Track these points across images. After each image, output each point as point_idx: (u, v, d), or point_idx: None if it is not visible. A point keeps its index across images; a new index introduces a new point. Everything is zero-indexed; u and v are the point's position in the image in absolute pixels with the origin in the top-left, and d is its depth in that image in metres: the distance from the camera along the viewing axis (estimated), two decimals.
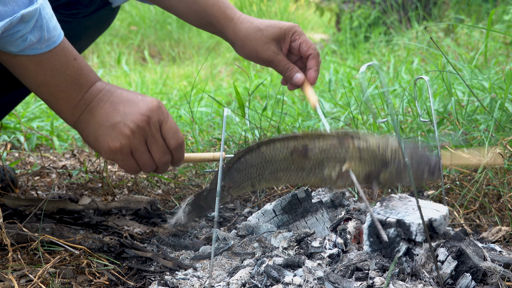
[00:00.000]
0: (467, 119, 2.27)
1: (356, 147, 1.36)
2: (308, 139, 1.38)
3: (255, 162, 1.40)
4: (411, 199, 1.48)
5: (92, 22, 1.82)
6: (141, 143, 1.32)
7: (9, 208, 1.81)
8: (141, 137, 1.32)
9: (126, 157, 1.34)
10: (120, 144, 1.31)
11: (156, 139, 1.34)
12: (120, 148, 1.32)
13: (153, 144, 1.34)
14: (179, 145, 1.36)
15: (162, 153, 1.35)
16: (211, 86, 4.68)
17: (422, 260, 1.34)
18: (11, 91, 1.84)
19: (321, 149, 1.37)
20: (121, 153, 1.33)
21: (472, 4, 6.11)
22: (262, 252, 1.47)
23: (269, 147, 1.38)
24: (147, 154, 1.35)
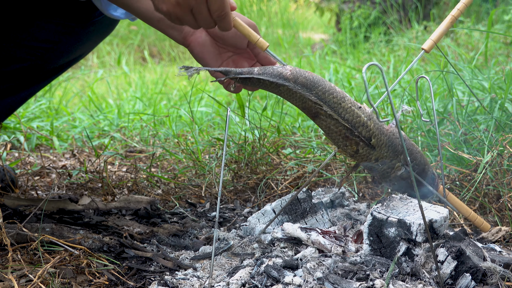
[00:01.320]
0: (467, 119, 2.27)
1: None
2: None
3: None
4: (412, 199, 1.48)
5: (96, 26, 1.82)
6: (186, 13, 1.34)
7: (9, 208, 1.81)
8: (187, 6, 1.33)
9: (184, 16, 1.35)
10: (166, 9, 1.33)
11: (200, 10, 1.34)
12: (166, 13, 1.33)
13: (197, 14, 1.35)
14: (221, 16, 1.36)
15: (206, 23, 1.36)
16: (211, 86, 4.68)
17: (422, 260, 1.34)
18: (14, 93, 1.84)
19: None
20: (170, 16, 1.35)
21: (472, 4, 6.11)
22: (261, 252, 1.47)
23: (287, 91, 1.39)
24: (192, 21, 1.36)
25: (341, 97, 1.38)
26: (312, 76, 1.38)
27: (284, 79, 1.38)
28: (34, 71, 1.81)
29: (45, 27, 1.75)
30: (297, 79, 1.38)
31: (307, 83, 1.38)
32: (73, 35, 1.78)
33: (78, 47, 1.84)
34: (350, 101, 1.38)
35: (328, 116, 1.38)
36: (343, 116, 1.38)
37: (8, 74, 1.78)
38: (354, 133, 1.38)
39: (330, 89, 1.38)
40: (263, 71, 1.39)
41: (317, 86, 1.38)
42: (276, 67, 1.39)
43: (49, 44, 1.77)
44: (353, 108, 1.38)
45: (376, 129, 1.39)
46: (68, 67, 1.92)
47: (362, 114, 1.38)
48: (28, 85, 1.86)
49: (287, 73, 1.38)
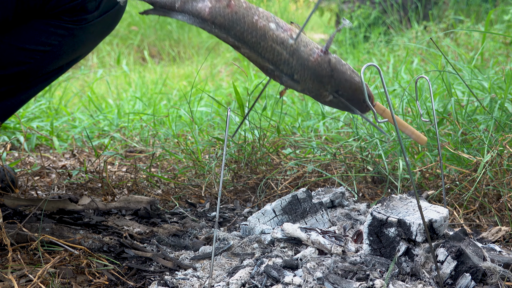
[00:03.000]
0: (467, 119, 2.27)
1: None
2: None
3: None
4: (412, 199, 1.48)
5: (95, 28, 1.82)
6: None
7: (9, 208, 1.81)
8: None
9: None
10: None
11: None
12: None
13: None
14: None
15: None
16: (211, 86, 4.68)
17: (422, 260, 1.34)
18: (13, 96, 1.84)
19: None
20: None
21: (472, 4, 6.11)
22: (261, 252, 1.47)
23: None
24: None
25: (262, 34, 1.32)
26: (233, 13, 1.32)
27: (201, 20, 1.32)
28: (32, 74, 1.81)
29: (43, 30, 1.75)
30: (215, 19, 1.31)
31: (225, 24, 1.31)
32: (71, 37, 1.78)
33: (77, 49, 1.84)
34: (273, 37, 1.32)
35: (249, 55, 1.34)
36: (263, 55, 1.32)
37: (6, 77, 1.78)
38: (275, 71, 1.34)
39: (249, 28, 1.31)
40: (183, 7, 1.32)
41: (235, 26, 1.31)
42: (197, 2, 1.32)
43: (48, 47, 1.77)
44: (274, 46, 1.31)
45: (299, 65, 1.33)
46: (67, 68, 1.92)
47: (284, 51, 1.32)
48: (27, 87, 1.86)
49: (206, 11, 1.31)
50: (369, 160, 2.15)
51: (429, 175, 2.07)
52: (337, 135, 2.62)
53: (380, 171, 2.09)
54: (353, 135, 2.42)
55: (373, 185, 2.13)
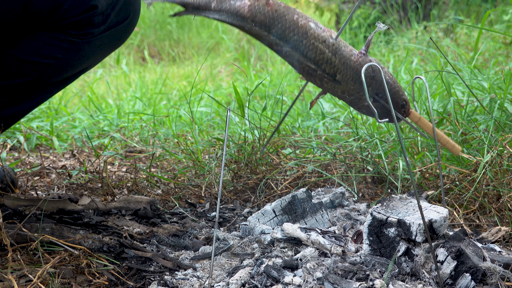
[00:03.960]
0: (466, 119, 2.27)
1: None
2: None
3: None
4: (412, 199, 1.48)
5: (102, 42, 1.79)
6: None
7: (9, 208, 1.81)
8: None
9: None
10: None
11: None
12: None
13: None
14: None
15: None
16: (211, 86, 4.68)
17: (422, 260, 1.34)
18: (16, 104, 1.83)
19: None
20: None
21: (472, 4, 6.11)
22: (261, 252, 1.47)
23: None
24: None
25: (304, 32, 1.30)
26: (273, 11, 1.30)
27: (241, 18, 1.29)
28: (36, 85, 1.80)
29: (48, 43, 1.73)
30: (255, 17, 1.29)
31: (265, 21, 1.29)
32: (77, 51, 1.76)
33: (82, 62, 1.82)
34: (314, 35, 1.31)
35: (290, 54, 1.32)
36: (305, 54, 1.31)
37: (9, 87, 1.77)
38: (317, 71, 1.32)
39: (290, 26, 1.30)
40: (220, 6, 1.30)
41: (276, 24, 1.29)
42: (234, 0, 1.30)
43: (52, 60, 1.75)
44: (316, 44, 1.30)
45: (341, 64, 1.32)
46: (73, 80, 1.90)
47: (327, 50, 1.31)
48: (31, 98, 1.85)
49: (245, 9, 1.29)
50: (369, 160, 2.15)
51: (429, 175, 2.07)
52: (337, 135, 2.62)
53: (380, 171, 2.09)
54: (353, 135, 2.42)
55: (373, 185, 2.13)
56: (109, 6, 1.73)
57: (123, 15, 1.78)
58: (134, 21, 1.85)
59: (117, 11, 1.76)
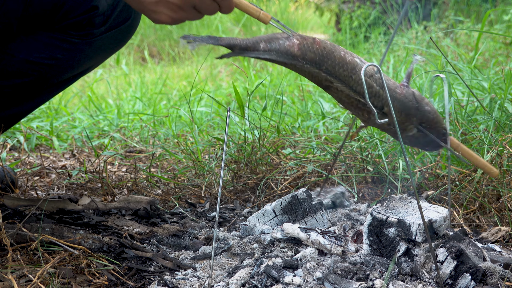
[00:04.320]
0: (466, 119, 2.27)
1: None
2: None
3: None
4: (411, 199, 1.48)
5: (103, 42, 1.79)
6: (189, 11, 1.33)
7: (9, 208, 1.81)
8: (189, 5, 1.32)
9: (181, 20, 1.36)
10: (170, 19, 1.34)
11: (204, 1, 1.32)
12: (171, 22, 1.35)
13: (201, 5, 1.33)
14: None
15: (210, 10, 1.34)
16: (211, 86, 4.68)
17: (422, 260, 1.34)
18: (17, 105, 1.83)
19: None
20: (175, 23, 1.35)
21: (472, 4, 6.11)
22: (261, 252, 1.47)
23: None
24: (197, 15, 1.35)
25: (352, 68, 1.33)
26: (321, 48, 1.33)
27: (292, 57, 1.32)
28: (37, 86, 1.79)
29: (49, 43, 1.73)
30: (305, 55, 1.32)
31: (315, 59, 1.32)
32: (77, 51, 1.76)
33: (83, 63, 1.82)
34: (361, 70, 1.33)
35: (339, 89, 1.34)
36: (355, 88, 1.33)
37: (10, 87, 1.77)
38: (366, 104, 1.34)
39: (340, 62, 1.33)
40: (270, 46, 1.33)
41: (326, 61, 1.32)
42: (283, 40, 1.33)
43: (53, 61, 1.75)
44: (365, 78, 1.32)
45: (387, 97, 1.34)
46: (75, 80, 1.89)
47: (375, 83, 1.34)
48: (32, 97, 1.84)
49: (295, 49, 1.32)
50: (369, 160, 2.15)
51: (429, 175, 2.07)
52: (337, 135, 2.62)
53: (380, 171, 2.09)
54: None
55: (373, 185, 2.13)
56: (110, 7, 1.73)
57: (124, 16, 1.78)
58: (136, 23, 1.85)
59: (118, 12, 1.76)
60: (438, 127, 1.42)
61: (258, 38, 1.34)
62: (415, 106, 1.37)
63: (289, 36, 1.34)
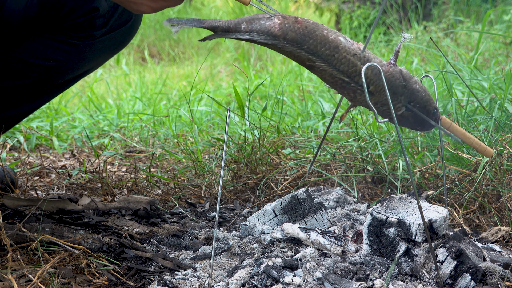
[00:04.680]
0: (466, 119, 2.27)
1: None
2: None
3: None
4: (411, 199, 1.48)
5: (103, 44, 1.78)
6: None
7: (9, 208, 1.81)
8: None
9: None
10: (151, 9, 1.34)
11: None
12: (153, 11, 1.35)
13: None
14: None
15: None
16: (211, 86, 4.68)
17: (422, 260, 1.34)
18: (17, 107, 1.83)
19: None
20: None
21: (472, 4, 6.11)
22: (261, 252, 1.47)
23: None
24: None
25: (335, 46, 1.32)
26: (303, 27, 1.32)
27: (273, 37, 1.31)
28: (37, 87, 1.79)
29: (50, 45, 1.73)
30: (286, 35, 1.31)
31: (297, 38, 1.31)
32: (78, 53, 1.75)
33: (84, 65, 1.82)
34: (345, 48, 1.32)
35: (322, 68, 1.33)
36: (338, 67, 1.32)
37: (9, 88, 1.77)
38: (350, 83, 1.34)
39: (322, 41, 1.31)
40: (251, 27, 1.32)
41: (307, 40, 1.31)
42: (264, 21, 1.32)
43: (53, 62, 1.75)
44: (348, 57, 1.32)
45: (373, 75, 1.33)
46: (75, 82, 1.89)
47: (359, 62, 1.32)
48: (33, 99, 1.84)
49: (276, 28, 1.31)
50: (369, 160, 2.15)
51: (429, 175, 2.07)
52: (337, 135, 2.62)
53: (380, 171, 2.09)
54: (353, 135, 2.42)
55: (373, 185, 2.13)
56: (110, 9, 1.73)
57: (125, 18, 1.78)
58: (136, 25, 1.85)
59: (118, 14, 1.76)
60: (428, 106, 1.40)
61: (241, 19, 1.34)
62: (403, 84, 1.35)
63: (271, 16, 1.33)
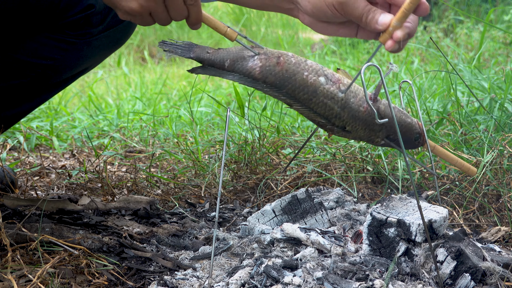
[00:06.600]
0: (466, 119, 2.27)
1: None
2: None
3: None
4: (411, 200, 1.48)
5: (101, 42, 1.78)
6: (159, 4, 1.31)
7: (9, 208, 1.81)
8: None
9: (145, 17, 1.34)
10: (140, 7, 1.31)
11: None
12: (139, 11, 1.32)
13: (171, 4, 1.31)
14: (194, 4, 1.32)
15: (179, 11, 1.32)
16: (211, 86, 4.68)
17: (422, 260, 1.34)
18: (16, 106, 1.83)
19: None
20: (140, 15, 1.33)
21: (472, 4, 6.11)
22: (261, 252, 1.47)
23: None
24: (165, 14, 1.33)
25: (313, 91, 1.33)
26: (284, 70, 1.33)
27: (252, 80, 1.33)
28: (36, 86, 1.79)
29: (47, 44, 1.73)
30: (266, 78, 1.33)
31: (276, 82, 1.33)
32: (75, 51, 1.75)
33: (81, 63, 1.81)
34: (323, 92, 1.33)
35: (301, 111, 1.36)
36: (315, 110, 1.34)
37: (8, 88, 1.77)
38: (327, 125, 1.36)
39: (300, 85, 1.33)
40: (233, 67, 1.33)
41: (286, 84, 1.33)
42: (247, 61, 1.33)
43: (50, 61, 1.74)
44: (325, 101, 1.33)
45: (350, 117, 1.35)
46: (74, 80, 1.89)
47: (335, 106, 1.34)
48: (31, 98, 1.84)
49: (256, 71, 1.32)
50: (369, 160, 2.15)
51: (428, 175, 2.07)
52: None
53: (380, 171, 2.09)
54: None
55: (373, 185, 2.13)
56: (107, 6, 1.73)
57: None
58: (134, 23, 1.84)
59: (115, 11, 1.76)
60: (410, 134, 1.42)
61: (226, 55, 1.35)
62: (379, 123, 1.37)
63: (254, 55, 1.34)
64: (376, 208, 1.42)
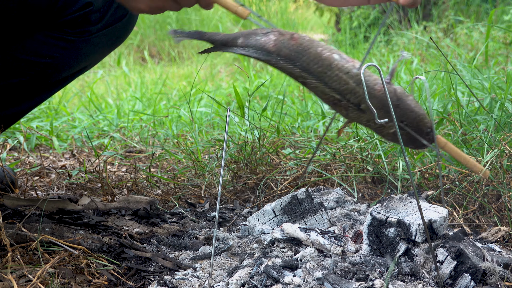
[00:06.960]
0: (466, 119, 2.27)
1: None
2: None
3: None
4: (411, 200, 1.48)
5: (100, 40, 1.78)
6: (168, 1, 1.32)
7: (9, 208, 1.81)
8: None
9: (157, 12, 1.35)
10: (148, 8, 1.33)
11: None
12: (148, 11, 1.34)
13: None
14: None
15: (188, 1, 1.33)
16: (211, 86, 4.68)
17: (422, 260, 1.34)
18: (16, 105, 1.83)
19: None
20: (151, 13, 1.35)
21: (472, 4, 6.11)
22: (261, 252, 1.47)
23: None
24: (175, 5, 1.34)
25: (327, 64, 1.32)
26: (297, 44, 1.33)
27: (267, 53, 1.33)
28: (35, 84, 1.79)
29: (46, 42, 1.72)
30: (280, 51, 1.33)
31: (290, 55, 1.32)
32: (74, 49, 1.75)
33: (81, 61, 1.81)
34: (338, 66, 1.32)
35: (314, 85, 1.34)
36: (330, 85, 1.33)
37: (7, 87, 1.77)
38: (342, 100, 1.34)
39: (315, 58, 1.32)
40: (247, 42, 1.34)
41: (300, 57, 1.32)
42: (260, 36, 1.34)
43: (49, 59, 1.74)
44: (340, 75, 1.32)
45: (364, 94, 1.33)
46: (73, 79, 1.89)
47: (351, 80, 1.32)
48: (31, 97, 1.84)
49: (270, 44, 1.33)
50: (369, 160, 2.15)
51: (428, 175, 2.07)
52: (337, 135, 2.62)
53: (380, 171, 2.09)
54: (353, 135, 2.42)
55: (373, 185, 2.13)
56: (105, 4, 1.73)
57: (121, 12, 1.78)
58: (133, 20, 1.84)
59: (114, 9, 1.75)
60: (422, 126, 1.40)
61: (239, 33, 1.36)
62: (395, 104, 1.35)
63: (268, 32, 1.34)
64: (376, 208, 1.42)
